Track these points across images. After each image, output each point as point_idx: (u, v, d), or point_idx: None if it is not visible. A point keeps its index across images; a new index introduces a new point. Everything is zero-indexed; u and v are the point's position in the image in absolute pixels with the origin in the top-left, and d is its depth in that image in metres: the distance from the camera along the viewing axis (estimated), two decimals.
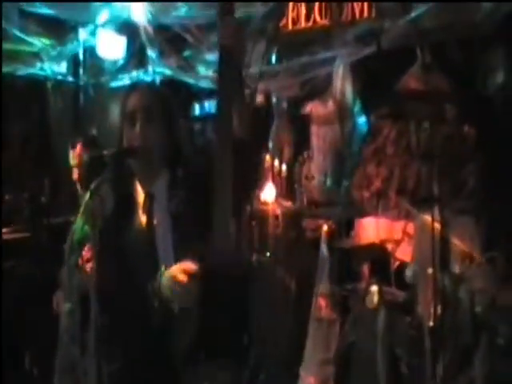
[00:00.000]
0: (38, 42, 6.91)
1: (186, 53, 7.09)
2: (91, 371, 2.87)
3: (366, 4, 5.97)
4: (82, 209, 2.83)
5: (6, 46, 6.51)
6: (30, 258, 5.63)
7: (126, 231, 2.97)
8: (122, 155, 2.96)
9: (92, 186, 2.80)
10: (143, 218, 2.98)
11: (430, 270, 4.41)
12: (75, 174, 5.02)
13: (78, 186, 5.03)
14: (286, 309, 5.78)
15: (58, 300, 4.90)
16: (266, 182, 6.28)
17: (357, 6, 6.03)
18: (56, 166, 7.12)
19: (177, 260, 2.82)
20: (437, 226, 4.34)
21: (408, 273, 4.71)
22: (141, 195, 3.01)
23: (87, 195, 2.80)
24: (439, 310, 4.31)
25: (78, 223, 2.90)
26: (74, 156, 5.11)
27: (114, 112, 7.25)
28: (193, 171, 3.03)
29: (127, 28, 7.03)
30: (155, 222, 2.95)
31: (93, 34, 7.12)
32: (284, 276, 5.89)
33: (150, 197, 2.98)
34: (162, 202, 2.96)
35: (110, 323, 2.89)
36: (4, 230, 6.37)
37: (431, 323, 4.38)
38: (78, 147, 5.34)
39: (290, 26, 6.56)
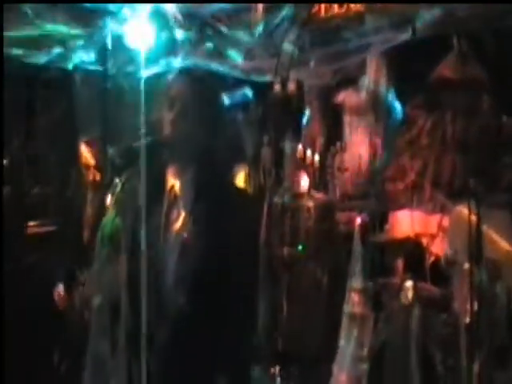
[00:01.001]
0: (66, 30, 6.84)
1: (217, 41, 6.99)
2: (122, 368, 2.86)
3: None
4: (112, 201, 2.78)
5: (33, 33, 6.45)
6: (54, 253, 5.57)
7: (154, 224, 2.91)
8: (154, 145, 2.89)
9: (123, 178, 2.75)
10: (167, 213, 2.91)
11: (465, 265, 4.32)
12: (91, 175, 4.82)
13: (91, 189, 4.82)
14: (318, 303, 5.69)
15: (58, 294, 4.88)
16: (298, 173, 6.18)
17: None
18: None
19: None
20: (473, 219, 4.22)
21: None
22: (168, 187, 2.94)
23: (118, 187, 2.75)
24: (475, 307, 4.22)
25: (109, 216, 2.85)
26: (89, 155, 4.91)
27: (143, 102, 7.18)
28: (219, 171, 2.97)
29: (157, 16, 6.94)
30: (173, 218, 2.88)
31: (122, 22, 7.03)
32: (316, 270, 5.80)
33: (174, 192, 2.91)
34: (186, 199, 2.89)
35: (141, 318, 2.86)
36: (30, 224, 6.36)
37: (467, 320, 4.28)
38: (90, 145, 5.17)
39: (323, 13, 6.42)
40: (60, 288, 4.88)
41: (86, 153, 4.91)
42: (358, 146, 6.11)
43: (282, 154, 6.48)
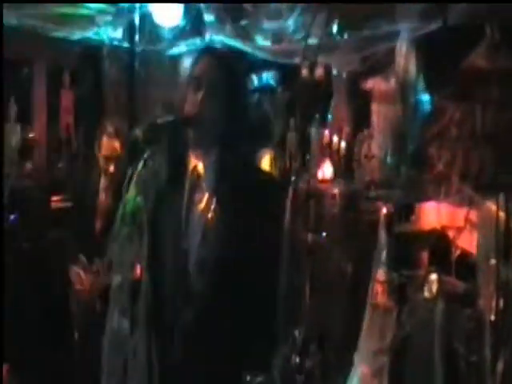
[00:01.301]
0: (94, 6, 6.80)
1: (244, 22, 6.91)
2: (141, 348, 2.85)
3: None
4: (134, 179, 2.76)
5: (62, 9, 6.42)
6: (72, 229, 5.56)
7: (176, 204, 2.89)
8: (178, 124, 2.86)
9: (145, 155, 2.72)
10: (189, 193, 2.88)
11: (492, 261, 4.25)
12: (110, 167, 4.73)
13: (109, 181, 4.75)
14: (342, 292, 5.65)
15: (73, 274, 4.86)
16: (324, 159, 6.14)
17: None
18: None
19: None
20: (501, 214, 4.16)
21: None
22: (191, 168, 2.91)
23: (140, 165, 2.73)
24: (501, 304, 4.16)
25: (131, 194, 2.82)
26: (107, 145, 4.81)
27: (170, 80, 7.15)
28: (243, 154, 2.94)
29: None
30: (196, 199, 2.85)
31: None
32: (340, 258, 5.75)
33: (197, 172, 2.88)
34: (210, 180, 2.86)
35: (163, 298, 2.86)
36: (54, 199, 6.37)
37: (492, 317, 4.23)
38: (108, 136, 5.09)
39: None
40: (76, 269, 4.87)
41: (107, 145, 4.87)
42: (385, 134, 6.03)
43: (308, 138, 6.44)
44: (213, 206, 2.82)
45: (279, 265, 3.00)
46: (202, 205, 2.85)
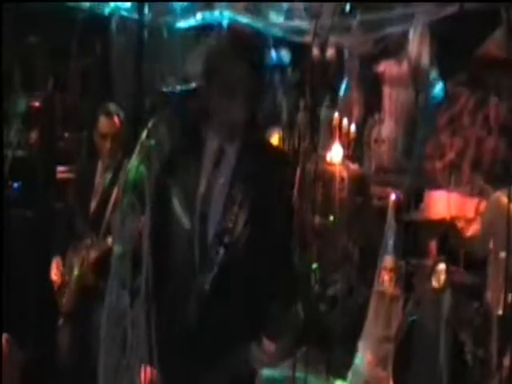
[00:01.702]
0: None
1: None
2: (141, 321, 2.83)
3: None
4: (137, 148, 2.73)
5: None
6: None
7: (185, 179, 2.86)
8: (185, 96, 2.82)
9: (149, 124, 2.69)
10: (208, 172, 2.85)
11: (502, 254, 4.20)
12: (107, 145, 4.65)
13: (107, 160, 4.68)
14: (347, 278, 5.62)
15: (54, 267, 4.86)
16: (332, 141, 6.06)
17: None
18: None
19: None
20: None
21: None
22: (210, 148, 2.86)
23: (144, 134, 2.69)
24: (510, 298, 4.12)
25: (133, 163, 2.78)
26: (105, 123, 4.73)
27: (179, 53, 7.07)
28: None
29: None
30: (221, 179, 2.82)
31: None
32: (347, 243, 5.71)
33: (221, 152, 2.84)
34: (230, 164, 2.83)
35: (161, 274, 2.83)
36: (60, 169, 6.32)
37: (500, 311, 4.19)
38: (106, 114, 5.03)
39: None
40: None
41: (104, 122, 4.82)
42: (397, 118, 5.95)
43: (318, 119, 6.36)
44: (234, 186, 2.81)
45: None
46: (225, 181, 2.82)
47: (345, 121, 6.04)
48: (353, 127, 6.00)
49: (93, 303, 4.49)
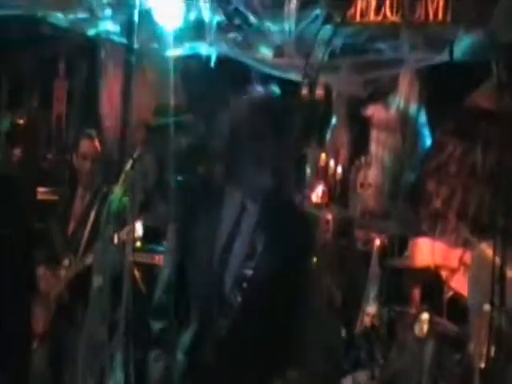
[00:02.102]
0: None
1: (246, 30, 6.80)
2: (118, 355, 2.82)
3: (440, 6, 5.64)
4: (121, 178, 2.72)
5: None
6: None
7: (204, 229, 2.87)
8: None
9: (134, 154, 2.68)
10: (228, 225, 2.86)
11: (486, 307, 4.21)
12: (86, 166, 4.72)
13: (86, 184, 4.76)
14: (331, 321, 5.61)
15: (41, 275, 4.88)
16: (318, 182, 6.07)
17: (431, 7, 5.71)
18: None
19: None
20: (497, 260, 4.12)
21: None
22: (231, 203, 2.86)
23: (128, 164, 2.68)
24: (492, 352, 4.12)
25: (116, 193, 2.77)
26: (86, 145, 4.80)
27: (167, 81, 7.07)
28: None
29: None
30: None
31: None
32: (330, 285, 5.70)
33: (243, 209, 2.84)
34: (251, 220, 2.84)
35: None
36: (41, 190, 6.32)
37: (482, 365, 4.19)
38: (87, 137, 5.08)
39: (358, 18, 6.25)
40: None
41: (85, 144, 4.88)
42: (384, 163, 5.98)
43: (303, 159, 6.37)
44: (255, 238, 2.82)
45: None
46: (246, 233, 2.83)
47: (332, 162, 6.07)
48: (339, 169, 6.03)
49: (68, 325, 4.55)
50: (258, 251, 2.81)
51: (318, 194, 5.97)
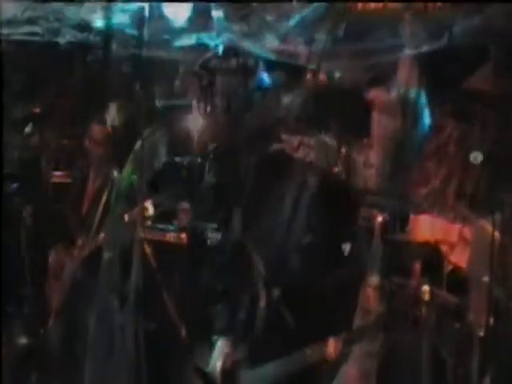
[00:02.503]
0: None
1: (253, 20, 6.95)
2: (128, 327, 2.85)
3: None
4: (130, 157, 2.80)
5: None
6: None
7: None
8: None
9: (144, 134, 2.76)
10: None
11: (485, 279, 4.39)
12: (98, 150, 4.84)
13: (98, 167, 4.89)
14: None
15: (55, 255, 5.04)
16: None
17: None
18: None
19: None
20: (496, 233, 4.32)
21: None
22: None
23: (138, 143, 2.77)
24: (491, 321, 4.31)
25: (126, 171, 2.86)
26: (96, 130, 4.94)
27: (175, 70, 7.21)
28: None
29: None
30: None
31: None
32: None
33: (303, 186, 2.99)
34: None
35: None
36: (57, 174, 6.48)
37: (482, 333, 4.38)
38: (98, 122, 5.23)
39: (360, 5, 6.41)
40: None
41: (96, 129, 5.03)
42: (385, 144, 6.16)
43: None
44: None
45: None
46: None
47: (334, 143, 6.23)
48: (343, 150, 6.20)
49: (83, 300, 4.70)
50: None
51: None
